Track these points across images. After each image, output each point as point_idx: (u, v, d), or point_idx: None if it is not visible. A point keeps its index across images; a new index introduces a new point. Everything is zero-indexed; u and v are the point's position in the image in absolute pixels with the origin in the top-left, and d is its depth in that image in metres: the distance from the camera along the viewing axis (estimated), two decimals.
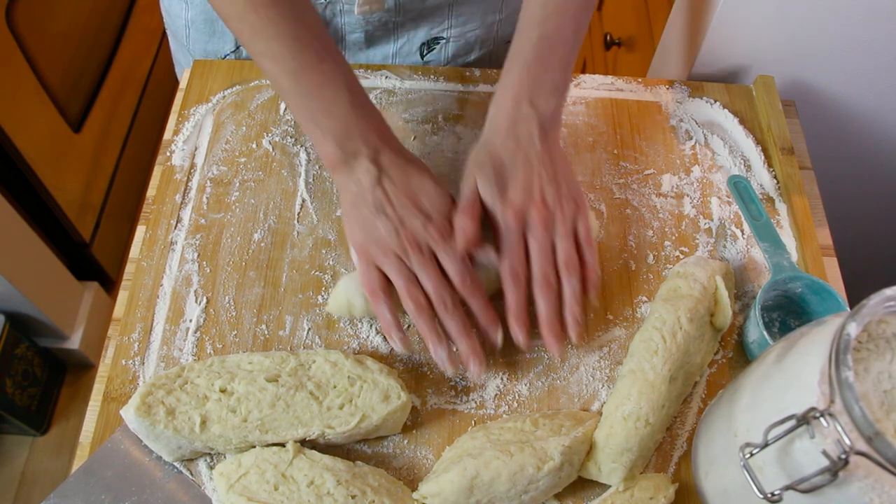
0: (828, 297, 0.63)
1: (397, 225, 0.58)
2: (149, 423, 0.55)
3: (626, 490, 0.56)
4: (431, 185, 0.60)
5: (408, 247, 0.57)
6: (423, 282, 0.58)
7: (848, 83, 0.87)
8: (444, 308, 0.57)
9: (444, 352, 0.58)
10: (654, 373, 0.58)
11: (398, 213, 0.58)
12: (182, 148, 0.76)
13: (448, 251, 0.58)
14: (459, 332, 0.57)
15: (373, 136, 0.60)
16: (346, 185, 0.61)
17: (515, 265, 0.58)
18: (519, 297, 0.59)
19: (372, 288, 0.59)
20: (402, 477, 0.59)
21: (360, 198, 0.59)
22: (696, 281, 0.63)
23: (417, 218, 0.58)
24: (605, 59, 1.44)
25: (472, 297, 0.58)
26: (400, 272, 0.57)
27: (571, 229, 0.60)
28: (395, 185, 0.59)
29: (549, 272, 0.59)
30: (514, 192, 0.59)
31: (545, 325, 0.59)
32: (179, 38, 0.85)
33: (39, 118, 1.35)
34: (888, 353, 0.44)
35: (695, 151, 0.77)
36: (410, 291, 0.57)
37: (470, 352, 0.57)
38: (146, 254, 0.69)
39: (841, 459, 0.39)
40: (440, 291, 0.57)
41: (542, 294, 0.58)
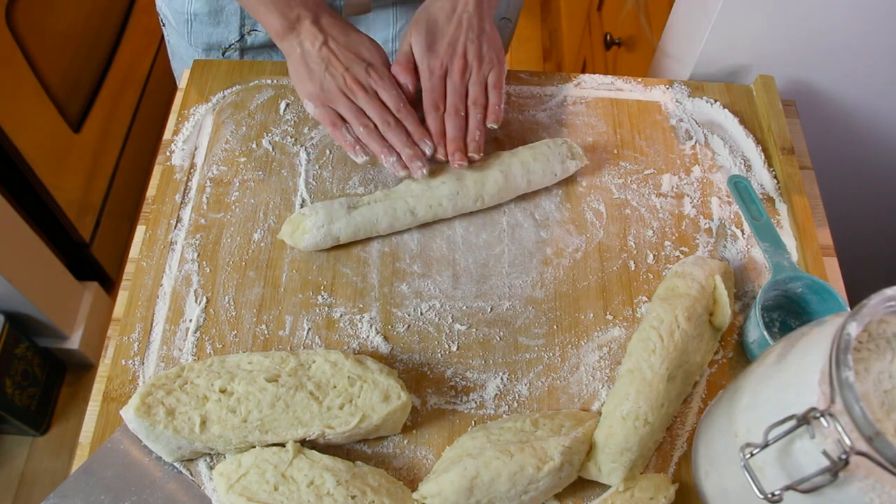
0: (828, 296, 0.63)
1: (343, 72, 0.69)
2: (148, 424, 0.55)
3: (626, 490, 0.56)
4: (368, 41, 0.71)
5: (354, 88, 0.69)
6: (368, 112, 0.69)
7: (848, 83, 0.87)
8: (387, 126, 0.69)
9: (393, 157, 0.69)
10: (651, 372, 0.58)
11: (343, 63, 0.69)
12: (182, 148, 0.76)
13: (387, 87, 0.69)
14: (402, 141, 0.69)
15: (311, 3, 0.70)
16: (293, 49, 0.70)
17: (437, 99, 0.71)
18: (438, 121, 0.71)
19: (332, 122, 0.70)
20: (402, 477, 0.59)
21: (308, 56, 0.69)
22: (694, 280, 0.63)
23: (360, 65, 0.69)
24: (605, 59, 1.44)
25: (407, 118, 0.70)
26: (350, 107, 0.69)
27: (483, 78, 0.72)
28: (337, 41, 0.70)
29: (459, 105, 0.71)
30: (440, 46, 0.71)
31: (450, 141, 0.70)
32: (181, 31, 0.85)
33: (39, 118, 1.35)
34: (888, 352, 0.44)
35: (695, 151, 0.77)
36: (361, 119, 0.69)
37: (412, 156, 0.68)
38: (146, 254, 0.69)
39: (841, 459, 0.39)
40: (384, 115, 0.69)
41: (451, 120, 0.70)
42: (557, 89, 0.81)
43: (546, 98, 0.81)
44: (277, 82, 0.80)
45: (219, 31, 0.83)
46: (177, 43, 0.89)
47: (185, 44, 0.86)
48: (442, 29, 0.71)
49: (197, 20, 0.82)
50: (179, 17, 0.83)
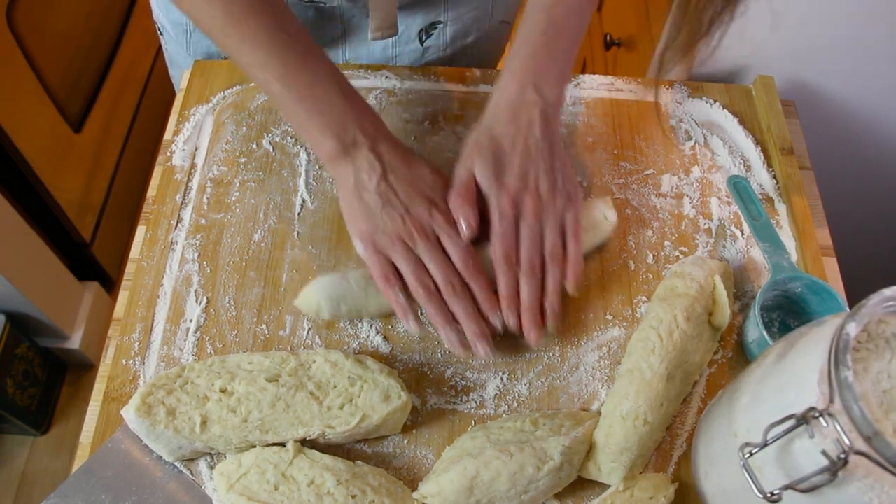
0: (827, 297, 0.63)
1: (403, 213, 0.59)
2: (149, 424, 0.55)
3: (626, 490, 0.57)
4: (430, 173, 0.62)
5: (415, 233, 0.58)
6: (430, 267, 0.59)
7: (848, 83, 0.87)
8: (452, 291, 0.58)
9: (455, 334, 0.59)
10: (651, 371, 0.58)
11: (403, 202, 0.59)
12: (182, 148, 0.76)
13: (453, 236, 0.59)
14: (467, 314, 0.58)
15: (369, 127, 0.61)
16: (346, 177, 0.61)
17: (509, 250, 0.60)
18: (511, 281, 0.60)
19: (384, 275, 0.59)
20: (402, 477, 0.59)
21: (363, 188, 0.60)
22: (693, 280, 0.63)
23: (423, 205, 0.59)
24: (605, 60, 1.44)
25: (476, 281, 0.59)
26: (408, 259, 0.58)
27: (560, 221, 0.62)
28: (397, 174, 0.60)
29: (536, 261, 0.60)
30: (510, 178, 0.61)
31: (526, 311, 0.60)
32: (180, 41, 0.85)
33: (40, 118, 1.35)
34: (887, 352, 0.44)
35: (694, 152, 0.77)
36: (419, 277, 0.58)
37: (478, 333, 0.58)
38: (146, 254, 0.69)
39: (840, 459, 0.39)
40: (448, 276, 0.58)
41: (526, 281, 0.60)
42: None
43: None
44: None
45: None
46: (175, 51, 0.89)
47: (183, 53, 0.86)
48: (509, 156, 0.61)
49: (196, 32, 0.82)
50: (178, 27, 0.83)
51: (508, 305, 0.60)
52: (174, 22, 0.83)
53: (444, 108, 0.79)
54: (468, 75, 0.82)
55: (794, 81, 0.85)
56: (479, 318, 0.59)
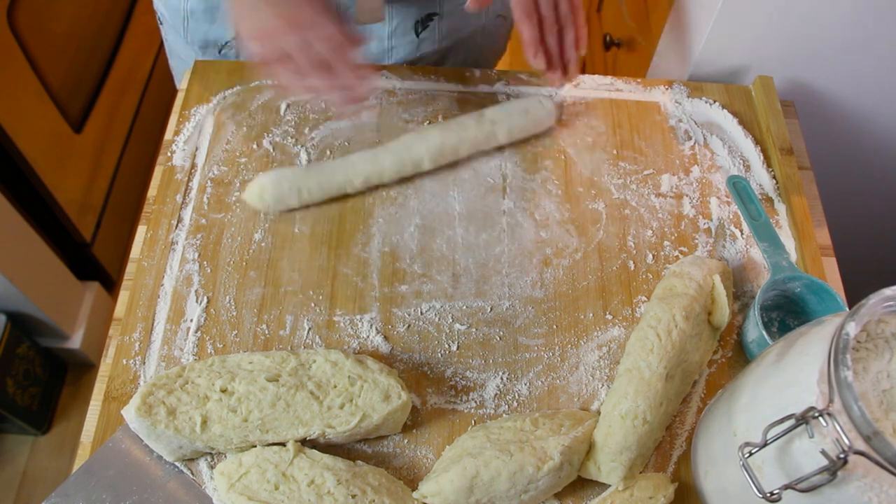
0: (827, 296, 0.63)
1: (286, 9, 0.63)
2: (150, 423, 0.55)
3: (626, 489, 0.57)
4: None
5: (296, 26, 0.62)
6: (316, 46, 0.62)
7: (847, 83, 0.87)
8: (333, 61, 0.62)
9: (341, 95, 0.63)
10: (650, 371, 0.58)
11: (286, 2, 0.63)
12: (183, 148, 0.76)
13: (326, 27, 0.62)
14: (350, 76, 0.62)
15: None
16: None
17: (529, 6, 0.68)
18: (534, 31, 0.69)
19: (274, 58, 0.63)
20: (402, 476, 0.59)
21: None
22: (691, 279, 0.63)
23: (302, 6, 0.63)
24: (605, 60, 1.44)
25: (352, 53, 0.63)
26: (296, 44, 0.62)
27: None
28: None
29: (553, 21, 0.69)
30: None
31: (551, 60, 0.70)
32: (178, 29, 0.85)
33: (40, 118, 1.35)
34: (887, 352, 0.44)
35: (694, 152, 0.77)
36: (308, 56, 0.62)
37: (361, 89, 0.63)
38: (147, 254, 0.69)
39: (840, 459, 0.39)
40: (330, 50, 0.62)
41: (552, 36, 0.70)
42: (557, 90, 0.81)
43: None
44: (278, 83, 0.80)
45: (215, 29, 0.83)
46: (174, 41, 0.89)
47: (182, 41, 0.86)
48: None
49: (193, 17, 0.83)
50: (176, 14, 0.84)
51: (535, 51, 0.69)
52: (172, 8, 0.83)
53: (444, 108, 0.79)
54: (468, 75, 0.82)
55: (794, 81, 0.85)
56: (361, 79, 0.63)
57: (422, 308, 0.67)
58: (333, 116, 0.76)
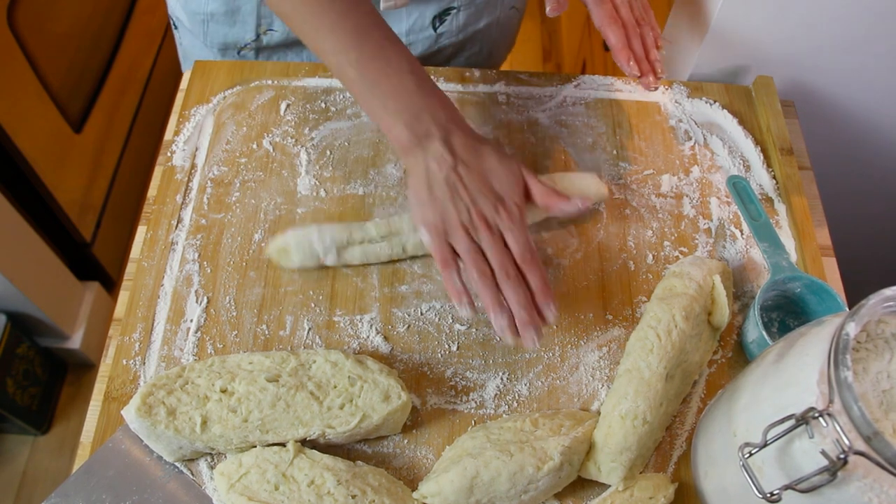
0: (827, 297, 0.63)
1: (469, 205, 0.60)
2: (149, 424, 0.55)
3: (626, 489, 0.57)
4: (503, 167, 0.62)
5: (478, 223, 0.59)
6: (488, 254, 0.59)
7: (848, 83, 0.87)
8: (506, 277, 0.58)
9: (504, 320, 0.58)
10: (649, 371, 0.58)
11: (471, 194, 0.60)
12: (183, 148, 0.76)
13: (515, 230, 0.60)
14: (519, 301, 0.58)
15: (442, 117, 0.61)
16: (417, 167, 0.61)
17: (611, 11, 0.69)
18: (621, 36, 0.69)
19: (443, 258, 0.60)
20: (402, 477, 0.59)
21: (433, 179, 0.60)
22: (691, 279, 0.63)
23: (489, 201, 0.60)
24: (605, 60, 1.44)
25: (532, 270, 0.59)
26: (469, 246, 0.59)
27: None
28: (467, 167, 0.60)
29: (633, 22, 0.70)
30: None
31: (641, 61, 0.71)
32: (196, 32, 0.85)
33: (40, 118, 1.35)
34: (887, 353, 0.44)
35: (694, 152, 0.77)
36: (476, 262, 0.59)
37: (527, 321, 0.58)
38: (147, 254, 0.69)
39: (840, 459, 0.39)
40: (503, 262, 0.59)
41: (636, 38, 0.70)
42: (557, 90, 0.81)
43: (546, 99, 0.81)
44: (278, 83, 0.80)
45: (235, 31, 0.83)
46: (190, 44, 0.89)
47: (199, 45, 0.86)
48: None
49: (213, 20, 0.83)
50: (195, 17, 0.83)
51: (627, 56, 0.69)
52: (191, 12, 0.83)
53: None
54: (468, 75, 0.82)
55: (794, 81, 0.85)
56: (531, 306, 0.59)
57: (422, 308, 0.67)
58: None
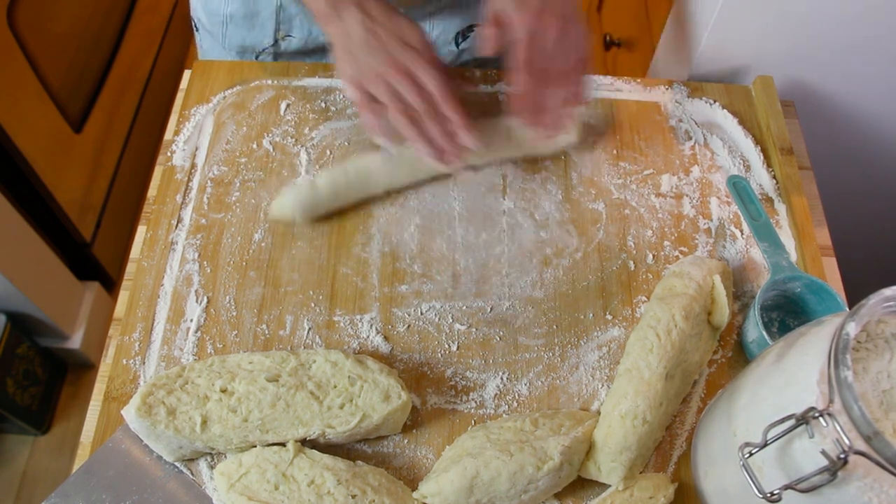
0: (827, 296, 0.63)
1: (386, 57, 0.64)
2: (149, 424, 0.55)
3: (626, 489, 0.57)
4: (416, 29, 0.66)
5: (394, 73, 0.63)
6: (407, 96, 0.64)
7: (847, 83, 0.87)
8: (426, 112, 0.63)
9: (429, 147, 0.64)
10: (649, 371, 0.58)
11: (386, 48, 0.64)
12: (183, 148, 0.76)
13: (429, 71, 0.63)
14: (441, 132, 0.64)
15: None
16: (336, 33, 0.66)
17: (528, 57, 0.66)
18: (527, 86, 0.66)
19: (363, 102, 0.65)
20: (402, 476, 0.59)
21: (349, 38, 0.65)
22: (691, 279, 0.63)
23: (405, 52, 0.64)
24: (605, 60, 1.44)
25: (448, 103, 0.64)
26: (388, 91, 0.64)
27: (574, 44, 0.66)
28: (382, 26, 0.65)
29: (552, 70, 0.67)
30: (530, 7, 0.65)
31: (545, 112, 0.68)
32: (216, 34, 0.85)
33: (40, 118, 1.35)
34: (887, 352, 0.44)
35: (694, 152, 0.77)
36: (396, 105, 0.64)
37: (452, 146, 0.64)
38: (147, 254, 0.69)
39: (840, 459, 0.39)
40: (422, 103, 0.63)
41: (546, 88, 0.67)
42: None
43: None
44: (278, 83, 0.80)
45: (253, 35, 0.83)
46: (209, 47, 0.89)
47: (218, 47, 0.86)
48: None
49: (232, 22, 0.83)
50: (215, 18, 0.83)
51: (526, 106, 0.67)
52: (211, 12, 0.83)
53: None
54: (468, 75, 0.82)
55: (794, 81, 0.85)
56: (451, 136, 0.64)
57: (422, 308, 0.67)
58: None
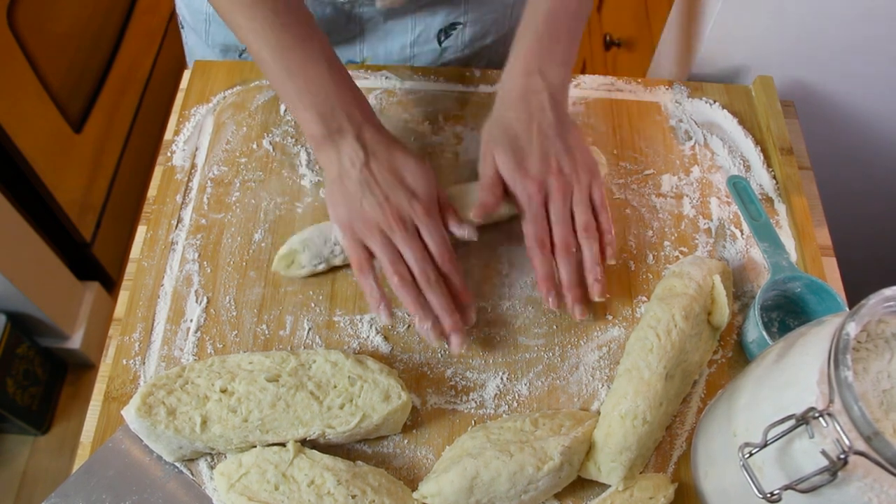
0: (827, 297, 0.63)
1: (382, 202, 0.59)
2: (149, 424, 0.55)
3: (626, 490, 0.57)
4: (415, 164, 0.62)
5: (393, 223, 0.59)
6: (406, 257, 0.59)
7: (847, 83, 0.87)
8: (427, 282, 0.59)
9: (429, 323, 0.59)
10: (649, 371, 0.58)
11: (384, 190, 0.59)
12: (183, 148, 0.76)
13: (431, 227, 0.59)
14: (442, 305, 0.59)
15: (356, 113, 0.61)
16: (330, 163, 0.61)
17: (541, 234, 0.61)
18: (546, 263, 0.62)
19: (359, 262, 0.60)
20: (402, 477, 0.59)
21: (345, 175, 0.60)
22: (691, 279, 0.63)
23: (402, 195, 0.59)
24: (605, 60, 1.44)
25: (453, 274, 0.60)
26: (385, 248, 0.59)
27: (588, 196, 0.63)
28: (380, 163, 0.60)
29: (570, 239, 0.62)
30: (532, 164, 0.62)
31: (568, 288, 0.62)
32: (199, 31, 0.85)
33: (40, 118, 1.35)
34: (887, 352, 0.44)
35: (694, 152, 0.77)
36: (395, 266, 0.59)
37: (452, 325, 0.59)
38: (147, 254, 0.69)
39: (840, 459, 0.39)
40: (423, 266, 0.59)
41: (563, 259, 0.62)
42: None
43: None
44: None
45: None
46: (194, 44, 0.89)
47: (202, 44, 0.86)
48: (526, 142, 0.62)
49: (214, 20, 0.82)
50: (198, 16, 0.83)
51: (548, 288, 0.61)
52: (194, 10, 0.83)
53: (444, 109, 0.79)
54: (468, 75, 0.82)
55: (794, 81, 0.85)
56: (454, 310, 0.59)
57: None
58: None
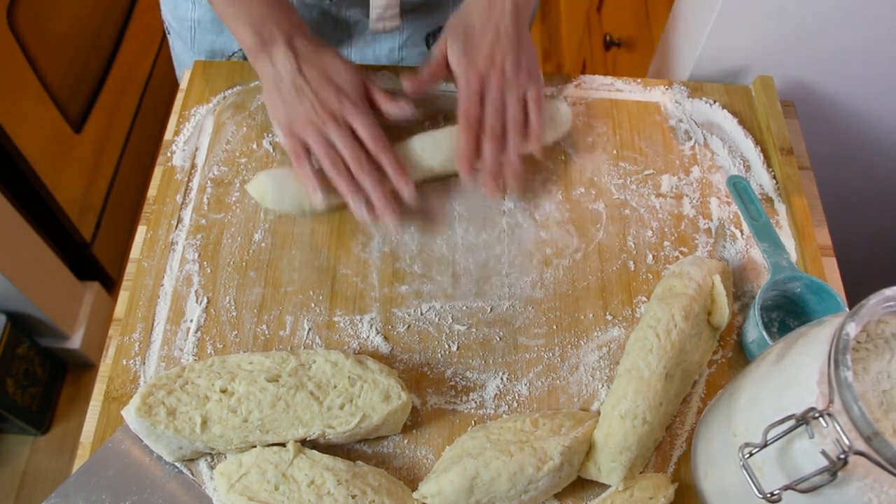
0: (827, 297, 0.63)
1: (314, 101, 0.64)
2: (149, 424, 0.55)
3: (626, 490, 0.57)
4: (342, 64, 0.67)
5: (325, 118, 0.64)
6: (339, 146, 0.64)
7: (847, 83, 0.87)
8: (358, 165, 0.64)
9: (362, 202, 0.64)
10: (649, 371, 0.58)
11: (315, 90, 0.64)
12: (183, 148, 0.76)
13: (361, 117, 0.64)
14: (374, 185, 0.64)
15: (285, 24, 0.66)
16: (266, 70, 0.67)
17: (472, 110, 0.66)
18: (470, 141, 0.66)
19: (296, 152, 0.65)
20: (402, 477, 0.59)
21: (280, 80, 0.65)
22: (691, 279, 0.63)
23: (332, 93, 0.65)
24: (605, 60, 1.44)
25: (384, 154, 0.64)
26: (319, 140, 0.64)
27: (522, 95, 0.68)
28: (310, 66, 0.65)
29: (497, 126, 0.66)
30: (478, 56, 0.67)
31: (485, 166, 0.67)
32: (185, 38, 0.85)
33: (40, 118, 1.35)
34: (887, 353, 0.44)
35: (694, 152, 0.77)
36: (328, 154, 0.64)
37: (385, 203, 0.64)
38: (147, 254, 0.69)
39: (840, 459, 0.39)
40: (354, 152, 0.64)
41: (488, 143, 0.66)
42: (557, 90, 0.81)
43: (546, 99, 0.81)
44: None
45: (221, 40, 0.83)
46: (181, 50, 0.89)
47: (188, 51, 0.86)
48: (479, 37, 0.67)
49: (200, 27, 0.82)
50: (183, 23, 0.83)
51: (463, 165, 0.66)
52: (179, 18, 0.83)
53: (443, 108, 0.79)
54: None
55: (794, 81, 0.85)
56: (385, 189, 0.64)
57: (422, 308, 0.67)
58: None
